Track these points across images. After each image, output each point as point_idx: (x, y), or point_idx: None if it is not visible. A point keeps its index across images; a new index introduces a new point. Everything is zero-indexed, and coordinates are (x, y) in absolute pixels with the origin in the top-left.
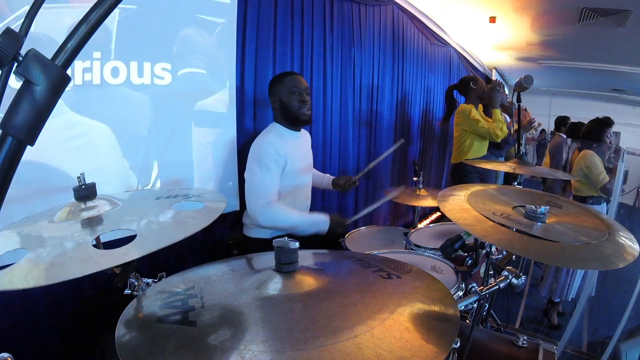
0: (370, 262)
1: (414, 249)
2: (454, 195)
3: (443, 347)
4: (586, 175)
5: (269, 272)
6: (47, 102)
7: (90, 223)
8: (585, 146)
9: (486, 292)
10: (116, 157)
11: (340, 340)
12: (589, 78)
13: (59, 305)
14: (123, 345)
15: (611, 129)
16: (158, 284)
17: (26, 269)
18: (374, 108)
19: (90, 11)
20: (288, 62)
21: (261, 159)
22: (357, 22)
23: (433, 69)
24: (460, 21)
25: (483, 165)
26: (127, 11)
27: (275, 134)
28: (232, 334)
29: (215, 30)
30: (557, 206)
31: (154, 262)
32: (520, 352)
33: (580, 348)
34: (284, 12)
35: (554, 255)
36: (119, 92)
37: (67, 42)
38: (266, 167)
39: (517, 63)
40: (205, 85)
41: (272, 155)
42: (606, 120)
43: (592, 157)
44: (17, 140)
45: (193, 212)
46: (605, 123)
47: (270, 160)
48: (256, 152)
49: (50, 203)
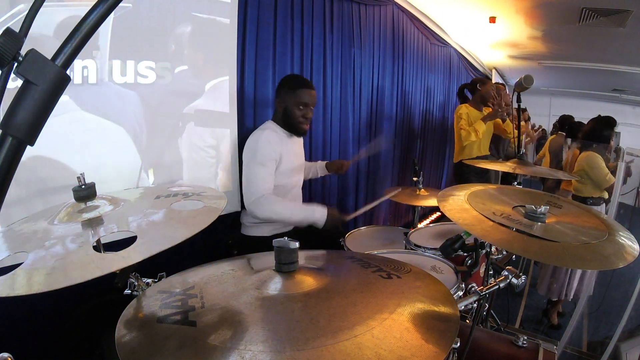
0: (370, 262)
1: (414, 249)
2: (454, 195)
3: (443, 347)
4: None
5: (269, 272)
6: (47, 102)
7: (91, 224)
8: (585, 146)
9: (486, 292)
10: (116, 156)
11: (340, 340)
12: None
13: (59, 305)
14: (123, 345)
15: (614, 130)
16: (158, 284)
17: (27, 275)
18: (374, 108)
19: (90, 11)
20: (288, 62)
21: (257, 154)
22: (357, 22)
23: (433, 69)
24: (460, 21)
25: (483, 165)
26: (124, 9)
27: (271, 131)
28: (232, 334)
29: (215, 29)
30: (557, 206)
31: (154, 262)
32: (520, 352)
33: (580, 348)
34: (284, 12)
35: (554, 255)
36: (118, 91)
37: (67, 42)
38: (262, 162)
39: (517, 63)
40: (205, 85)
41: (267, 151)
42: (610, 121)
43: (595, 159)
44: (17, 140)
45: (193, 212)
46: (609, 124)
47: (265, 155)
48: (252, 148)
49: (50, 203)
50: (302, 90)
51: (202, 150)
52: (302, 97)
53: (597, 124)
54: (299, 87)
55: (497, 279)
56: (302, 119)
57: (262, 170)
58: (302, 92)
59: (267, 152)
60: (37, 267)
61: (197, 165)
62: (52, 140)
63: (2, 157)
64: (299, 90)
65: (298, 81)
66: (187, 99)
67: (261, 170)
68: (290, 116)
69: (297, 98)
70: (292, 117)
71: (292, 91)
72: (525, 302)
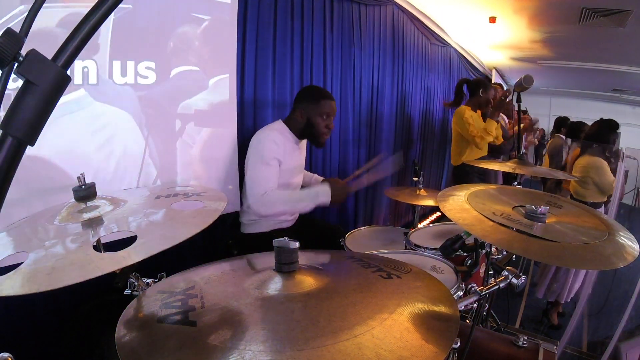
0: (370, 262)
1: (414, 249)
2: (454, 195)
3: (443, 347)
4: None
5: (269, 272)
6: (48, 102)
7: (91, 224)
8: (585, 146)
9: (486, 292)
10: (116, 156)
11: (340, 340)
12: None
13: (59, 305)
14: (123, 345)
15: (618, 134)
16: (158, 284)
17: (28, 274)
18: (374, 108)
19: (90, 11)
20: (288, 62)
21: (263, 154)
22: (357, 22)
23: (433, 69)
24: (460, 21)
25: (483, 165)
26: (124, 10)
27: (278, 133)
28: (232, 334)
29: (215, 30)
30: (557, 206)
31: (154, 262)
32: (520, 352)
33: (580, 348)
34: (284, 12)
35: (554, 255)
36: (118, 91)
37: (68, 42)
38: (267, 162)
39: (517, 63)
40: (205, 85)
41: (273, 152)
42: (613, 125)
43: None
44: (17, 141)
45: (193, 212)
46: (612, 127)
47: (271, 156)
48: (258, 147)
49: (50, 203)
50: (325, 101)
51: (202, 150)
52: (325, 107)
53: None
54: (322, 98)
55: (497, 279)
56: (325, 129)
57: (266, 169)
58: (325, 102)
59: (272, 152)
60: (37, 267)
61: (197, 165)
62: (52, 140)
63: (2, 157)
64: (323, 101)
65: (321, 93)
66: (187, 99)
67: (265, 169)
68: (314, 127)
69: (320, 109)
70: (315, 128)
71: (315, 102)
72: (525, 302)
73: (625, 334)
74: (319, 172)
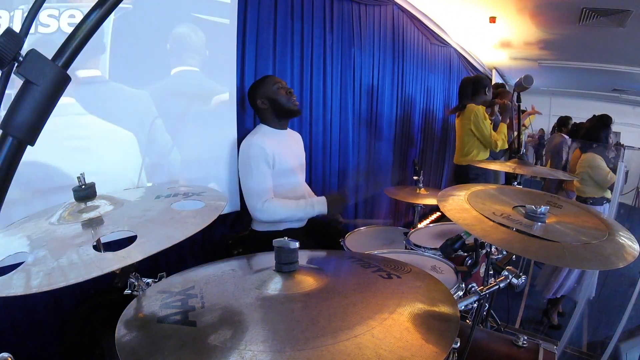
0: (370, 262)
1: (414, 249)
2: (454, 195)
3: (443, 347)
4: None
5: (269, 272)
6: (48, 102)
7: (91, 224)
8: (585, 146)
9: (486, 292)
10: (116, 156)
11: (340, 340)
12: (589, 78)
13: (59, 305)
14: (123, 345)
15: (611, 129)
16: (158, 284)
17: (28, 274)
18: (374, 108)
19: (90, 11)
20: (288, 62)
21: (251, 161)
22: (357, 22)
23: (433, 69)
24: (460, 21)
25: (483, 165)
26: (125, 10)
27: (260, 135)
28: (232, 334)
29: (215, 30)
30: (557, 206)
31: (154, 262)
32: (520, 352)
33: (580, 348)
34: (284, 12)
35: (554, 255)
36: (118, 91)
37: (68, 42)
38: (257, 167)
39: (517, 63)
40: (205, 85)
41: (260, 155)
42: (605, 121)
43: (595, 159)
44: (17, 141)
45: (193, 211)
46: (604, 123)
47: (259, 160)
48: (245, 155)
49: (50, 203)
50: (267, 78)
51: (202, 150)
52: (271, 80)
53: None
54: (263, 78)
55: (497, 279)
56: (287, 94)
57: (259, 175)
58: (268, 79)
59: (258, 157)
60: (37, 267)
61: (197, 165)
62: (52, 141)
63: (2, 157)
64: (265, 79)
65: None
66: (187, 99)
67: (258, 176)
68: (276, 100)
69: (268, 84)
70: (278, 100)
71: (261, 84)
72: (525, 302)
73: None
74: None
